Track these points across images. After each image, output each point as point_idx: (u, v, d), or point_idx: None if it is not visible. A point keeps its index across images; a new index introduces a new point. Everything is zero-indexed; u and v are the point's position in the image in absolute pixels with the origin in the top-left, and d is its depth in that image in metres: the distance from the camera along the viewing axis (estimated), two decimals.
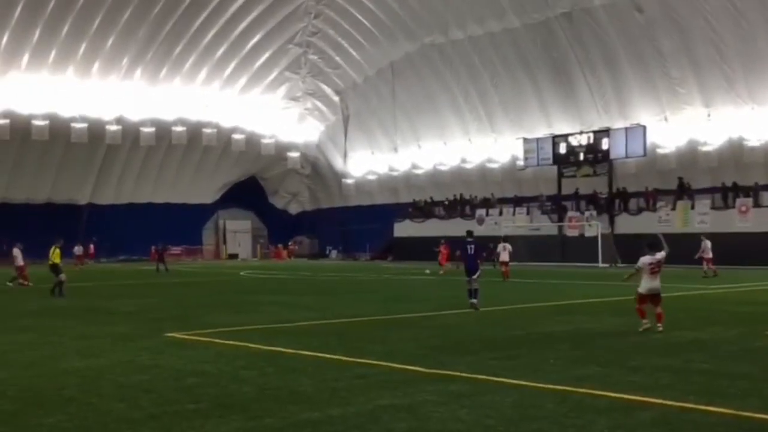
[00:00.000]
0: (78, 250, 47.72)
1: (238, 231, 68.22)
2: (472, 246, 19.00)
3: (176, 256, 61.48)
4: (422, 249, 48.51)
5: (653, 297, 14.15)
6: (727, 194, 43.31)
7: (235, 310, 19.85)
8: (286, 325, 15.99)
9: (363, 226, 61.60)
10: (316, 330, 15.31)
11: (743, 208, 41.75)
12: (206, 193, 65.78)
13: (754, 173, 43.29)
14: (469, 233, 19.64)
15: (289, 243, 68.35)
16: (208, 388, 9.49)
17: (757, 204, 41.71)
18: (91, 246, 53.50)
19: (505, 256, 32.15)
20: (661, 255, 14.27)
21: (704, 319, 16.68)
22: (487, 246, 37.50)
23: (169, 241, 61.02)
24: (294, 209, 72.90)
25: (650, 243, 14.49)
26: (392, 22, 55.91)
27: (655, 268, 14.08)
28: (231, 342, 13.36)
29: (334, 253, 66.95)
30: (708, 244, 31.88)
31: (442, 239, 40.31)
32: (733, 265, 37.00)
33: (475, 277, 18.62)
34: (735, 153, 44.74)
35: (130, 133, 57.70)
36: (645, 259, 14.16)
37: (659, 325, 13.88)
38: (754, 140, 43.92)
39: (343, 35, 59.00)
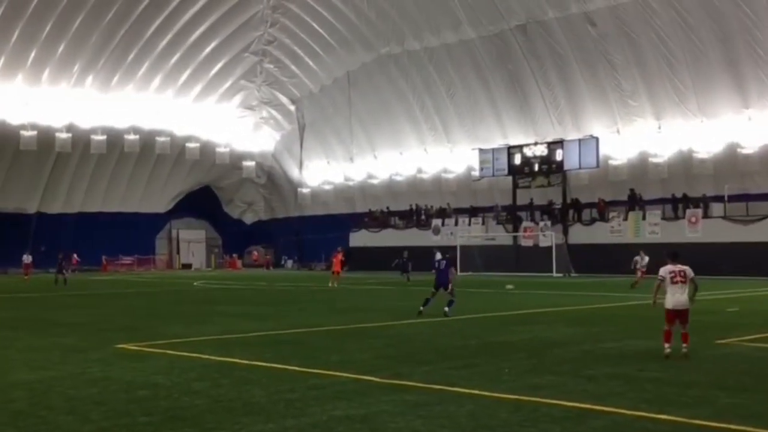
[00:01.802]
0: (26, 258, 46.73)
1: (192, 241, 67.51)
2: (444, 262, 20.22)
3: (127, 266, 60.64)
4: (378, 259, 48.50)
5: (681, 314, 12.47)
6: (677, 205, 44.12)
7: (188, 320, 19.57)
8: (240, 336, 15.81)
9: (319, 235, 61.42)
10: (271, 340, 15.17)
11: (693, 219, 42.55)
12: (159, 203, 64.98)
13: (703, 185, 44.18)
14: (444, 251, 21.09)
15: (256, 252, 67.86)
16: (159, 400, 9.32)
17: (706, 215, 42.53)
18: (74, 256, 52.25)
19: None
20: (685, 266, 12.57)
21: (656, 328, 16.87)
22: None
23: (121, 251, 60.34)
24: (249, 219, 72.39)
25: (672, 252, 12.91)
26: (349, 32, 55.98)
27: (677, 278, 12.37)
28: (183, 353, 13.15)
29: (289, 263, 66.61)
30: (644, 258, 31.86)
31: (339, 247, 39.90)
32: None
33: (447, 291, 19.58)
34: (685, 165, 45.63)
35: (80, 140, 56.64)
36: (666, 268, 12.52)
37: (685, 346, 12.27)
38: (703, 152, 44.83)
39: (300, 44, 58.90)
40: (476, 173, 53.24)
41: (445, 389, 9.77)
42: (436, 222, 53.88)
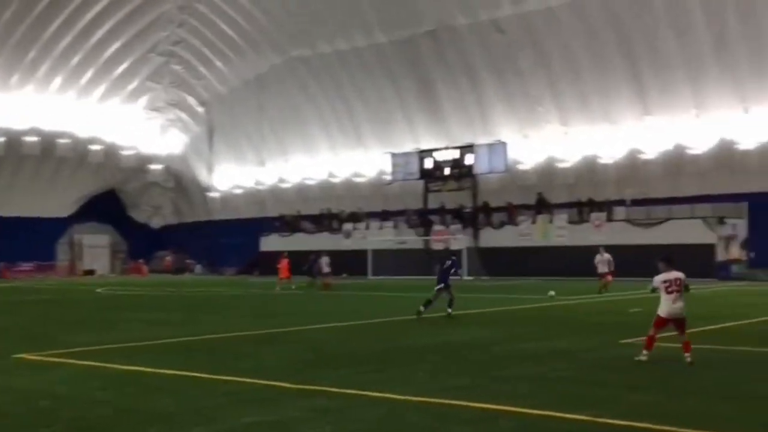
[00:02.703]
0: None
1: (95, 246, 65.35)
2: (448, 263, 20.81)
3: (27, 273, 58.30)
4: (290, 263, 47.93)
5: (677, 323, 11.84)
6: (582, 209, 45.34)
7: (92, 329, 18.90)
8: (147, 343, 15.35)
9: (229, 240, 60.51)
10: (180, 347, 14.80)
11: (597, 223, 43.81)
12: (61, 207, 62.65)
13: (607, 189, 45.56)
14: (450, 254, 22.46)
15: (169, 258, 66.12)
16: (62, 411, 8.94)
17: (610, 218, 43.85)
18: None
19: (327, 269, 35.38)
20: (679, 273, 11.82)
21: (563, 329, 17.29)
22: (310, 259, 37.73)
23: (21, 257, 57.93)
24: (156, 223, 70.67)
25: (665, 257, 12.13)
26: (259, 34, 55.44)
27: (672, 288, 11.68)
28: (87, 362, 12.66)
29: (198, 268, 65.37)
30: (604, 257, 29.36)
31: (285, 252, 39.65)
32: (587, 277, 38.75)
33: (437, 288, 20.14)
34: (590, 170, 47.02)
35: None
36: (659, 277, 11.86)
37: (687, 354, 11.52)
38: (607, 158, 46.33)
39: (208, 45, 57.97)
40: (388, 177, 53.48)
41: (358, 393, 9.70)
42: (348, 226, 53.85)
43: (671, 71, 42.71)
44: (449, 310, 19.88)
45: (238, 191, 64.65)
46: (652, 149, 44.73)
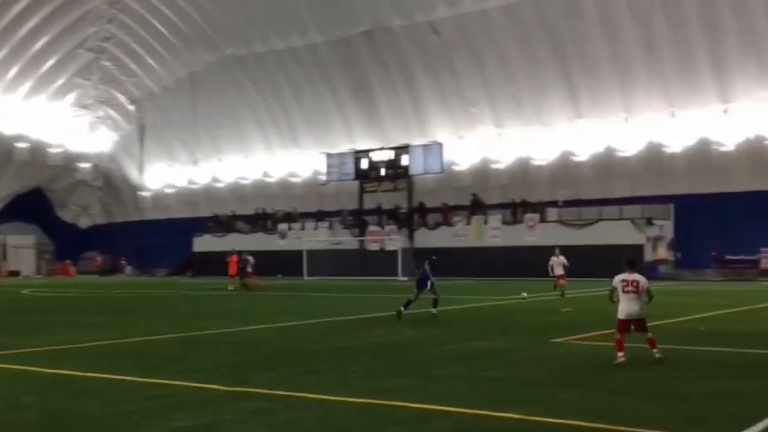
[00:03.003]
0: None
1: (21, 246, 63.44)
2: (428, 266, 20.91)
3: None
4: (223, 264, 47.38)
5: (636, 323, 11.97)
6: (516, 210, 45.95)
7: (16, 331, 18.29)
8: (74, 347, 14.93)
9: (160, 240, 59.46)
10: (108, 350, 14.43)
11: (530, 223, 44.46)
12: None
13: (540, 190, 46.27)
14: (433, 254, 21.93)
15: (100, 258, 64.48)
16: None
17: (543, 219, 44.54)
18: None
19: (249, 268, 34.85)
20: (639, 276, 12.09)
21: (497, 328, 17.46)
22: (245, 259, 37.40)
23: None
24: (84, 223, 69.07)
25: (629, 260, 12.50)
26: (192, 32, 54.66)
27: (628, 288, 11.90)
28: (10, 366, 12.25)
29: (129, 269, 64.05)
30: (560, 259, 28.36)
31: (233, 249, 39.09)
32: (522, 277, 39.32)
33: (429, 289, 20.41)
34: (523, 171, 47.71)
35: None
36: (619, 277, 12.06)
37: (655, 351, 11.83)
38: (540, 159, 47.08)
39: (140, 42, 56.91)
40: (323, 177, 53.33)
41: (291, 395, 9.61)
42: (283, 226, 53.49)
43: (602, 75, 43.67)
44: (433, 311, 20.05)
45: (170, 191, 63.65)
46: (583, 151, 45.63)
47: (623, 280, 11.96)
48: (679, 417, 8.32)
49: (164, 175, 63.70)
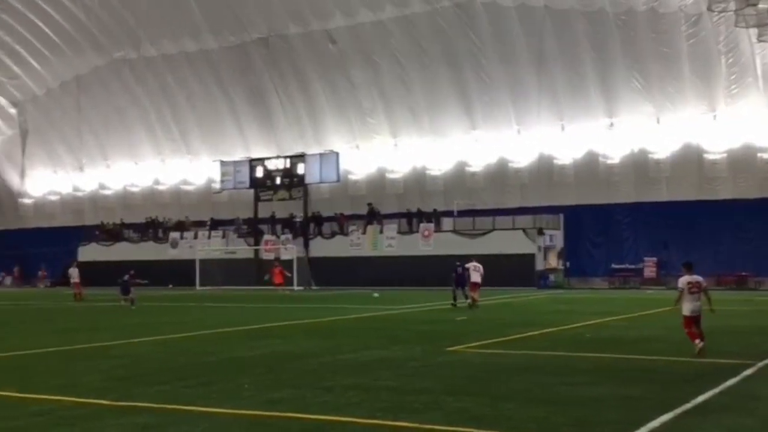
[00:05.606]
0: None
1: None
2: (461, 268, 26.51)
3: None
4: (110, 274, 45.83)
5: (696, 319, 13.48)
6: (411, 219, 46.31)
7: None
8: None
9: (43, 249, 56.90)
10: None
11: (426, 233, 44.89)
12: None
13: (435, 200, 46.82)
14: (463, 261, 26.95)
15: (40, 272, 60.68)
16: None
17: (438, 229, 45.06)
18: None
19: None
20: (699, 278, 13.69)
21: (390, 337, 17.45)
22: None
23: None
24: None
25: (687, 263, 13.97)
26: (78, 33, 52.84)
27: (693, 288, 13.44)
28: None
29: (8, 280, 61.03)
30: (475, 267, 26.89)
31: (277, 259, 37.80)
32: (415, 287, 39.68)
33: (463, 291, 26.25)
34: (419, 181, 48.22)
35: None
36: (683, 279, 13.53)
37: (699, 342, 13.31)
38: (435, 169, 47.70)
39: (22, 43, 54.56)
40: (217, 185, 52.35)
41: (180, 409, 9.31)
42: (174, 235, 52.18)
43: (495, 88, 44.66)
44: (468, 301, 25.64)
45: (54, 198, 61.21)
46: (478, 162, 46.48)
47: (689, 282, 13.44)
48: (567, 422, 8.48)
49: (48, 182, 61.21)
